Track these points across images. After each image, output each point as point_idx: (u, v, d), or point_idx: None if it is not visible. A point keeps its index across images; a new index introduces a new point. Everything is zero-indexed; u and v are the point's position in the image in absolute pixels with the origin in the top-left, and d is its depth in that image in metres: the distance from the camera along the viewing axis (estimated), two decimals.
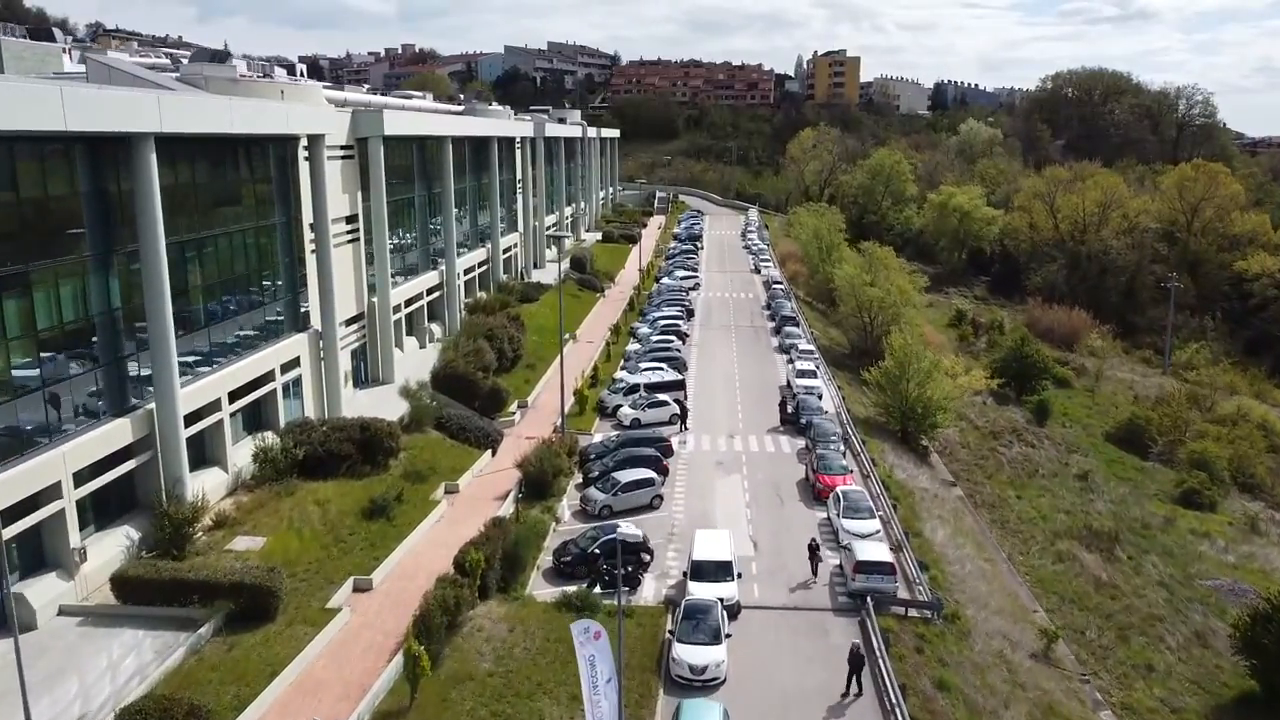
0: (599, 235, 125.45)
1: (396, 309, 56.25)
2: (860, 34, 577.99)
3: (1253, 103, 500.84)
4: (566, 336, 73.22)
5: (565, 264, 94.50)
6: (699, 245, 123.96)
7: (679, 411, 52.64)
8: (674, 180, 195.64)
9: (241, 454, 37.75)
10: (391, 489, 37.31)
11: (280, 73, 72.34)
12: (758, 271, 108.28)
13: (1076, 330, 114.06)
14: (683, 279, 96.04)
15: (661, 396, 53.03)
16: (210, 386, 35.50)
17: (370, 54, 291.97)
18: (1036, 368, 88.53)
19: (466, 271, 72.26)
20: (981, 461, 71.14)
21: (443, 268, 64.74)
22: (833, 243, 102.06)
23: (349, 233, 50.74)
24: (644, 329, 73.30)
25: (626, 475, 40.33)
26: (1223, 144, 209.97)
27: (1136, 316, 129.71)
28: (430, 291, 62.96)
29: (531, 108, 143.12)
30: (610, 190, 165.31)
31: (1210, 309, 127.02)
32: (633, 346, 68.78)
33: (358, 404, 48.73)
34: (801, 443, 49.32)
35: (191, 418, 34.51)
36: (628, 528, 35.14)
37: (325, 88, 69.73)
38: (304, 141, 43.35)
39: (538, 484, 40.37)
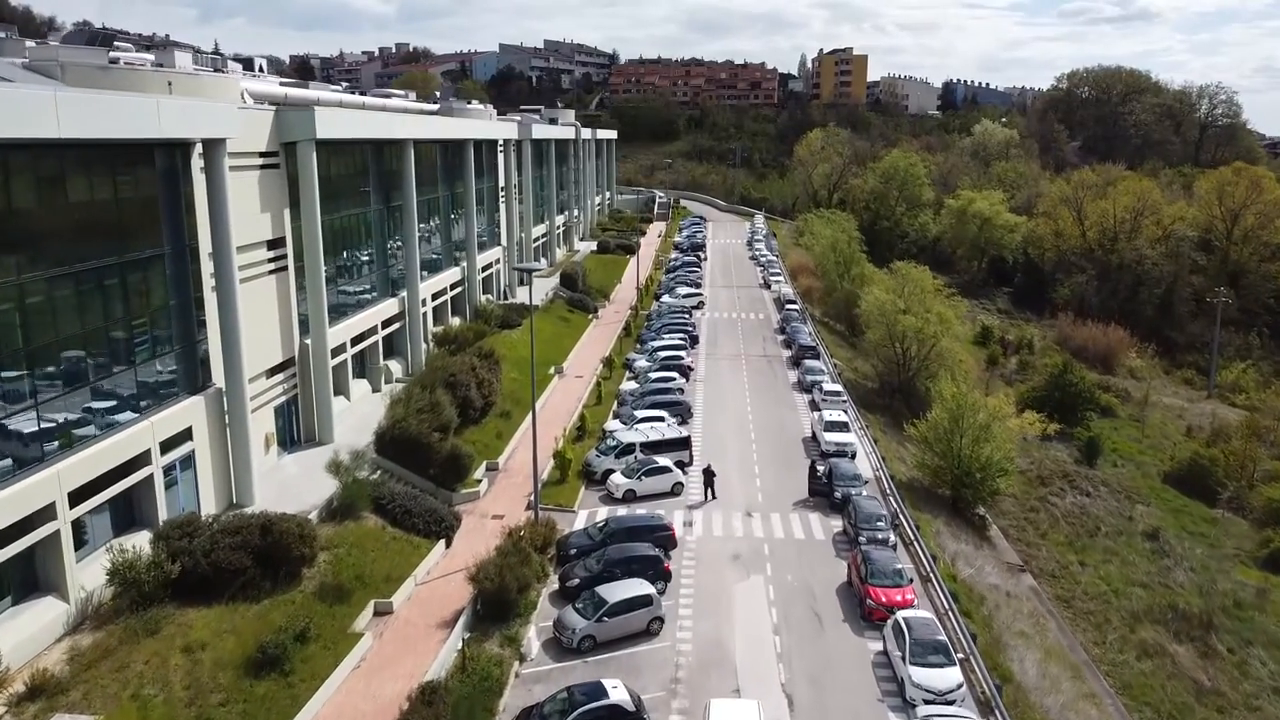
0: (594, 245, 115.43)
1: (340, 349, 46.37)
2: (861, 35, 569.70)
3: (1254, 103, 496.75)
4: (551, 370, 63.49)
5: (554, 280, 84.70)
6: (702, 256, 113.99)
7: (684, 480, 42.97)
8: (675, 184, 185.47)
9: (93, 572, 27.82)
10: (294, 622, 27.38)
11: (235, 67, 62.49)
12: (767, 286, 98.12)
13: (1113, 349, 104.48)
14: (685, 296, 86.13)
15: (661, 461, 43.05)
16: (34, 489, 25.50)
17: (364, 53, 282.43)
18: (1080, 396, 78.99)
19: (436, 295, 62.24)
20: (1031, 514, 61.59)
21: (403, 294, 54.82)
22: (851, 256, 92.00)
23: (273, 260, 40.81)
24: (641, 361, 63.36)
25: (615, 591, 30.32)
26: (1248, 145, 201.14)
27: (1174, 332, 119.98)
28: (387, 324, 53.02)
29: (523, 107, 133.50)
30: (607, 195, 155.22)
31: (1255, 324, 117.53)
32: (627, 385, 58.76)
33: (283, 475, 38.94)
34: (837, 523, 39.44)
35: (7, 534, 24.73)
36: (616, 690, 25.16)
37: (283, 84, 60.05)
38: (199, 148, 33.48)
39: (498, 604, 30.45)
